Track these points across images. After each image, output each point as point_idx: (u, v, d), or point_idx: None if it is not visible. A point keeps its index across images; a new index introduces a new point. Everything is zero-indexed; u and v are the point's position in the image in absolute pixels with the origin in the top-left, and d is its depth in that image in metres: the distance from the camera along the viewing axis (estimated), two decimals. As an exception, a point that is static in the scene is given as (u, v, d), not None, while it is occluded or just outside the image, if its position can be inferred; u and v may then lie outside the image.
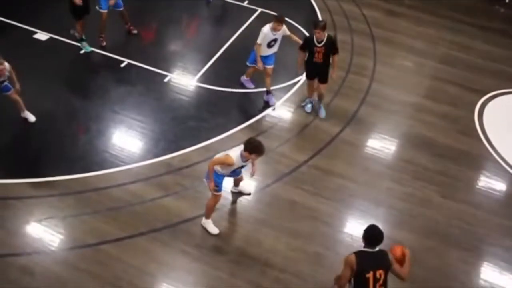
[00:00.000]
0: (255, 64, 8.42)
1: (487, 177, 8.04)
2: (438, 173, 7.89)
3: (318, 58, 7.95)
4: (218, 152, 6.25)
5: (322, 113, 8.59)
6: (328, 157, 7.88)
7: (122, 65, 9.21)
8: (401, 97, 9.37)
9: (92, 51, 9.46)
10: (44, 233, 6.36)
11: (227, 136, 7.97)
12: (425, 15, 12.63)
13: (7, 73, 7.23)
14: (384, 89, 9.48)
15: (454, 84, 9.94)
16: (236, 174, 6.57)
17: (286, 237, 6.63)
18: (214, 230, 6.56)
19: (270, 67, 8.46)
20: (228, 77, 9.26)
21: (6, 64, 7.16)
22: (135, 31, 10.05)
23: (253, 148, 5.81)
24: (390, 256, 4.92)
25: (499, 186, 7.91)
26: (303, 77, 9.36)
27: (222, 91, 8.93)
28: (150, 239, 6.42)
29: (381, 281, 4.78)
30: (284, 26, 8.21)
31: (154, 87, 8.87)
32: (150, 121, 8.16)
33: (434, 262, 6.56)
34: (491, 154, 8.42)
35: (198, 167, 7.39)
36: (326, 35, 7.79)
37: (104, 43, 9.59)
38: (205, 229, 6.58)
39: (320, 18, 11.59)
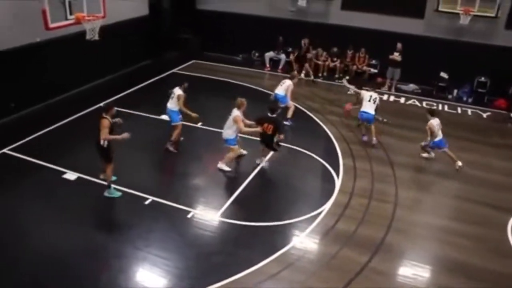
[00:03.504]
0: None
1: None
2: (479, 299, 7.47)
3: None
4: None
5: None
6: (359, 288, 7.54)
7: (147, 202, 9.33)
8: (428, 221, 9.21)
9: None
10: None
11: (254, 271, 7.73)
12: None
13: None
14: (410, 214, 9.36)
15: (480, 204, 9.85)
16: None
17: None
18: None
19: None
20: (251, 211, 9.28)
21: None
22: (171, 148, 11.24)
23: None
24: None
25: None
26: (327, 207, 9.35)
27: (245, 225, 8.88)
28: None
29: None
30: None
31: (178, 223, 8.87)
32: (174, 257, 8.02)
33: None
34: (531, 276, 8.01)
35: (225, 304, 7.09)
36: None
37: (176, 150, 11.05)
38: None
39: (337, 148, 11.94)
